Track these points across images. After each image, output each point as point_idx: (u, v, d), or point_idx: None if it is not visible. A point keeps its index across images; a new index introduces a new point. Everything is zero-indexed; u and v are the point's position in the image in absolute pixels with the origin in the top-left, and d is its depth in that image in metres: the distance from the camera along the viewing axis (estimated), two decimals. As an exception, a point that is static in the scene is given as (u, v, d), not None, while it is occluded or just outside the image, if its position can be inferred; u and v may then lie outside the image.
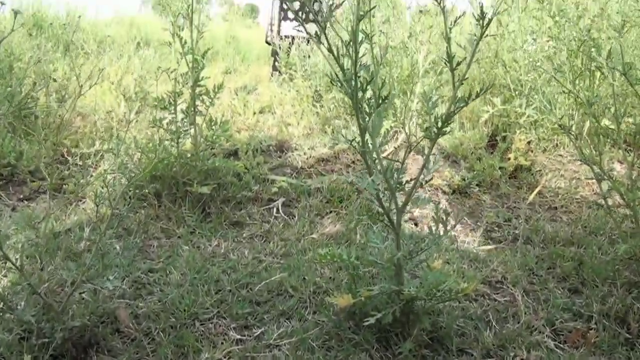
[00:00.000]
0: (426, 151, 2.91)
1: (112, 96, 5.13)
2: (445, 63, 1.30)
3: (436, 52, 3.47)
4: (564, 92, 2.61)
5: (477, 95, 1.27)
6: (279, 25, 6.44)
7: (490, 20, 1.17)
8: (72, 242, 2.11)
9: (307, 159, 3.01)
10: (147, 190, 2.47)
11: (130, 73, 6.35)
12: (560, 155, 3.24)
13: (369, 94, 1.34)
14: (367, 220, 2.02)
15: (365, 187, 1.26)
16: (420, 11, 3.46)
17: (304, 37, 6.26)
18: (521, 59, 3.08)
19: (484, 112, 3.04)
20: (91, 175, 2.69)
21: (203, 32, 2.38)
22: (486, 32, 1.24)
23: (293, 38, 6.18)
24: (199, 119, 2.45)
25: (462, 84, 1.26)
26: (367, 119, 1.29)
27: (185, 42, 2.35)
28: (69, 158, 3.11)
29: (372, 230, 1.65)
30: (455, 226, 2.41)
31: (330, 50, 1.24)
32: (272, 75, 6.28)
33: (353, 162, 3.03)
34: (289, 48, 5.71)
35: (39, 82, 3.94)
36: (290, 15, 6.45)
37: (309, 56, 5.12)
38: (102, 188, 2.60)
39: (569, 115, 3.20)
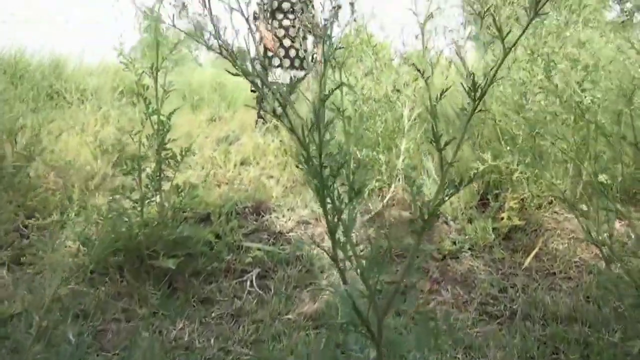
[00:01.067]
0: (407, 261, 2.72)
1: (89, 149, 4.94)
2: (431, 141, 1.11)
3: (422, 104, 3.33)
4: (563, 154, 2.45)
5: (470, 181, 1.08)
6: (266, 71, 6.31)
7: (484, 93, 0.99)
8: (21, 329, 1.87)
9: (286, 221, 2.80)
10: (109, 263, 2.25)
11: (109, 125, 6.20)
12: (556, 212, 3.06)
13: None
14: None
15: (339, 301, 1.06)
16: (405, 61, 3.32)
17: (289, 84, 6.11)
18: (511, 111, 2.93)
19: (473, 168, 2.86)
20: (52, 248, 2.46)
21: (170, 90, 2.21)
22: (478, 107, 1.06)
23: (278, 86, 6.04)
24: (166, 185, 2.26)
25: (452, 166, 1.07)
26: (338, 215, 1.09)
27: (150, 103, 2.17)
28: (34, 222, 2.90)
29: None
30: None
31: (292, 130, 1.05)
32: (257, 123, 6.13)
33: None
34: (274, 95, 5.57)
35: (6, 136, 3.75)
36: (275, 62, 6.35)
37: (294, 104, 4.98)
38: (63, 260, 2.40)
39: (564, 169, 3.04)
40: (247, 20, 1.16)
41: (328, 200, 1.06)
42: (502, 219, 2.77)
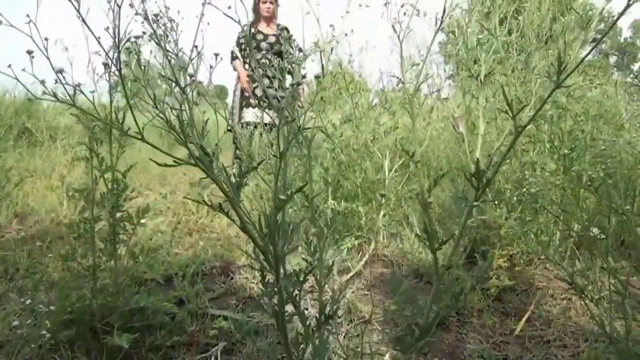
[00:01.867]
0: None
1: (57, 193, 4.70)
2: (419, 237, 0.92)
3: (404, 153, 3.16)
4: (552, 206, 2.29)
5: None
6: (240, 112, 6.15)
7: (487, 183, 0.81)
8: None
9: (257, 283, 2.58)
10: (59, 338, 2.00)
11: (80, 166, 5.95)
12: (547, 268, 2.88)
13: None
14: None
15: None
16: (385, 108, 3.17)
17: (266, 124, 5.97)
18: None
19: (459, 224, 2.68)
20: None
21: (125, 146, 2.01)
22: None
23: (256, 125, 5.89)
24: (121, 249, 2.03)
25: (450, 268, 0.88)
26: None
27: (103, 160, 1.97)
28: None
29: None
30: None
31: (244, 229, 0.86)
32: (233, 164, 5.94)
33: (313, 285, 2.61)
34: (251, 136, 5.41)
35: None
36: (253, 102, 6.20)
37: (271, 145, 4.81)
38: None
39: (554, 222, 2.88)
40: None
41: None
42: (491, 278, 2.58)
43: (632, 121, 3.05)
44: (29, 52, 1.06)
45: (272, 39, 5.93)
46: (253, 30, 5.90)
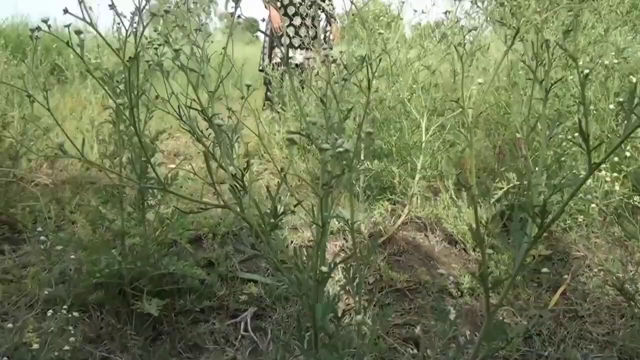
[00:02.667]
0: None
1: (87, 136, 4.69)
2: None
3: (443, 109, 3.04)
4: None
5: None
6: (271, 52, 5.99)
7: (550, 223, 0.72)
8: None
9: (287, 245, 2.54)
10: (88, 300, 2.01)
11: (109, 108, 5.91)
12: (583, 236, 2.78)
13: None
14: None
15: None
16: (423, 65, 3.01)
17: (296, 65, 5.82)
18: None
19: (497, 188, 2.58)
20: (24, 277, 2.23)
21: (153, 110, 1.94)
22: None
23: (297, 65, 5.75)
24: (150, 214, 2.00)
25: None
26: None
27: (129, 125, 1.90)
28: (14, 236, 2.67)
29: None
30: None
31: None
32: (264, 106, 5.85)
33: (343, 248, 2.57)
34: (282, 78, 5.28)
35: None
36: (285, 41, 6.03)
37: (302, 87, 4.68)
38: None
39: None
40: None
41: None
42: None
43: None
44: None
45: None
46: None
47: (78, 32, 1.40)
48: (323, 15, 5.64)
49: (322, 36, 5.72)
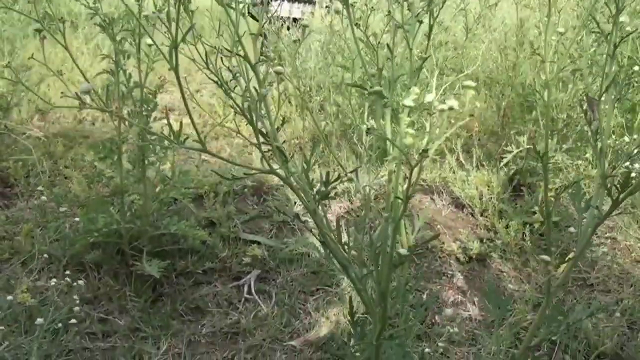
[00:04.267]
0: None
1: (79, 88, 4.52)
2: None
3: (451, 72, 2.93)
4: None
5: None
6: (267, 5, 5.79)
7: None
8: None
9: (291, 206, 2.46)
10: (86, 260, 1.94)
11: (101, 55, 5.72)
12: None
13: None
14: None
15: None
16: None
17: (295, 19, 5.64)
18: (555, 90, 2.54)
19: (506, 152, 2.51)
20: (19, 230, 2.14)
21: (155, 60, 1.82)
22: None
23: (283, 19, 5.57)
24: (150, 171, 1.91)
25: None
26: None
27: (130, 77, 1.79)
28: (7, 191, 2.57)
29: None
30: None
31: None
32: (259, 61, 5.68)
33: (349, 211, 2.49)
34: (279, 30, 5.11)
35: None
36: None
37: (298, 41, 4.52)
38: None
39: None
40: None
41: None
42: (535, 213, 2.44)
43: None
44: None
45: None
46: None
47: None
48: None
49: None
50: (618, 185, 0.73)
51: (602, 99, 0.95)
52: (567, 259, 1.30)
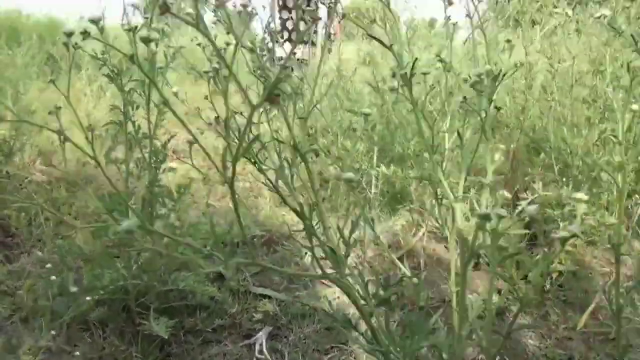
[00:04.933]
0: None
1: (82, 130, 4.48)
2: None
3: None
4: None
5: None
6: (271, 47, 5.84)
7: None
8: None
9: (301, 258, 2.39)
10: (90, 317, 1.86)
11: (105, 97, 5.70)
12: (608, 250, 2.66)
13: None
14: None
15: None
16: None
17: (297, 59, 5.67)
18: (569, 135, 2.50)
19: (520, 198, 2.45)
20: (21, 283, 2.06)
21: (165, 112, 1.78)
22: None
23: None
24: (158, 224, 1.84)
25: None
26: None
27: (139, 128, 1.75)
28: (8, 241, 2.50)
29: None
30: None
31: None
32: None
33: (361, 261, 2.42)
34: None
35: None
36: (284, 35, 5.86)
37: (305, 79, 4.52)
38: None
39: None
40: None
41: None
42: (553, 262, 2.37)
43: None
44: None
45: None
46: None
47: (94, 22, 1.25)
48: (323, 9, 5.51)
49: (323, 31, 5.59)
50: None
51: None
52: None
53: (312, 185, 0.87)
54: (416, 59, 1.06)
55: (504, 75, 0.98)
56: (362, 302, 0.90)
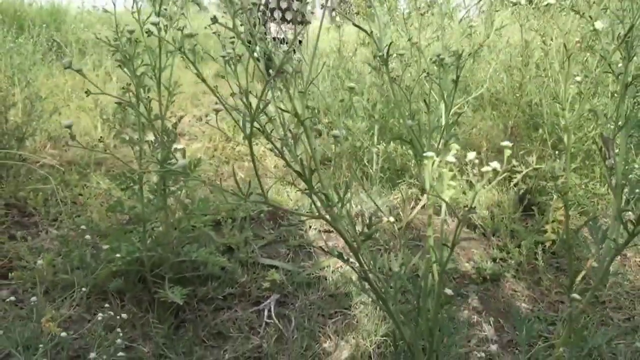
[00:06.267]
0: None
1: (90, 115, 4.59)
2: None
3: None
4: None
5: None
6: (266, 26, 5.89)
7: None
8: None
9: (305, 230, 2.51)
10: (108, 287, 1.98)
11: (111, 82, 5.79)
12: (602, 217, 2.76)
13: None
14: None
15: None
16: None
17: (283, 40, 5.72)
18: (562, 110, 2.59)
19: (515, 171, 2.55)
20: (40, 259, 2.18)
21: (175, 93, 1.88)
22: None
23: (283, 40, 5.65)
24: (170, 200, 1.96)
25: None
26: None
27: (151, 109, 1.85)
28: (25, 220, 2.62)
29: None
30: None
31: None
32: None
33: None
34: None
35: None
36: (277, 15, 5.90)
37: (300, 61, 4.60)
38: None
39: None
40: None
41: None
42: (546, 231, 2.48)
43: None
44: None
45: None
46: None
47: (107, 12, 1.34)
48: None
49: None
50: (634, 220, 0.77)
51: (618, 141, 1.00)
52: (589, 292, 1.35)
53: (310, 143, 0.97)
54: (391, 42, 1.17)
55: (469, 54, 1.09)
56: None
